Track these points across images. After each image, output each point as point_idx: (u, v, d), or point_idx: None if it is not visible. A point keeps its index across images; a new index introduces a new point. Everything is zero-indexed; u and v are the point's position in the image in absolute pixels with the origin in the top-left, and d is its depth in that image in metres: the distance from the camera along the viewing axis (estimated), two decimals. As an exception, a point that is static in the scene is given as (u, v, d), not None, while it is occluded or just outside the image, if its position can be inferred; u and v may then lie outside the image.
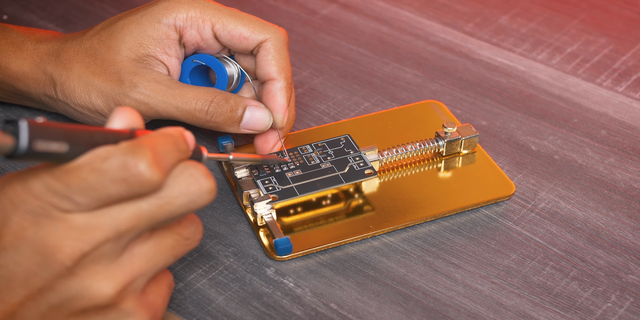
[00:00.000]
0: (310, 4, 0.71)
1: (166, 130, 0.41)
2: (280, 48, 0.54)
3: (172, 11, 0.53)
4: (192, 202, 0.40)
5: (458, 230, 0.53)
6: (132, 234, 0.40)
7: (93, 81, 0.53)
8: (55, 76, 0.54)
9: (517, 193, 0.55)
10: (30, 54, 0.55)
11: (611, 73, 0.65)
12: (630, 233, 0.53)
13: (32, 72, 0.55)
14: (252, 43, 0.53)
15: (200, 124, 0.53)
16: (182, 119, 0.53)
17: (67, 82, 0.53)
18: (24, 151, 0.36)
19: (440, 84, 0.64)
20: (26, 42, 0.56)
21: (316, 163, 0.54)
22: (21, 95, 0.57)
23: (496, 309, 0.48)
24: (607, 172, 0.57)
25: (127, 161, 0.38)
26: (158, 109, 0.52)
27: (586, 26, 0.69)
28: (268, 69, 0.53)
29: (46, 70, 0.54)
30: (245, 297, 0.49)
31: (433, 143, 0.56)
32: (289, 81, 0.54)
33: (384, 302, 0.49)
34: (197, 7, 0.53)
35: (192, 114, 0.52)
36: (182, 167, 0.40)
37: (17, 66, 0.55)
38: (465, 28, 0.69)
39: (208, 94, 0.53)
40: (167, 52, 0.54)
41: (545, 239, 0.52)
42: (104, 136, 0.39)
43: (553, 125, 0.60)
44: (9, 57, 0.55)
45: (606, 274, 0.50)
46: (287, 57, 0.54)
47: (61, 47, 0.55)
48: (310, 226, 0.52)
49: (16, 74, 0.55)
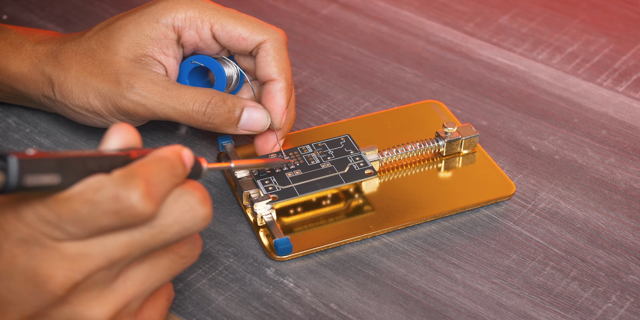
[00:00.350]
0: (310, 4, 0.71)
1: (162, 153, 0.40)
2: (280, 49, 0.53)
3: (171, 11, 0.53)
4: (187, 229, 0.40)
5: (458, 230, 0.53)
6: (125, 261, 0.40)
7: (91, 82, 0.53)
8: (53, 77, 0.54)
9: (518, 193, 0.55)
10: (28, 55, 0.55)
11: (611, 73, 0.64)
12: (630, 233, 0.53)
13: (31, 73, 0.55)
14: (251, 44, 0.53)
15: (197, 125, 0.53)
16: (179, 120, 0.53)
17: (65, 83, 0.53)
18: (14, 188, 0.35)
19: (440, 83, 0.64)
20: (25, 43, 0.55)
21: (316, 163, 0.54)
22: (20, 96, 0.57)
23: (496, 309, 0.48)
24: (607, 172, 0.57)
25: (119, 193, 0.37)
26: (155, 111, 0.52)
27: (586, 26, 0.69)
28: (268, 70, 0.53)
29: (44, 71, 0.54)
30: (245, 297, 0.49)
31: (433, 143, 0.56)
32: (289, 82, 0.54)
33: (384, 302, 0.49)
34: (195, 8, 0.53)
35: (189, 115, 0.52)
36: (176, 194, 0.40)
37: (15, 67, 0.55)
38: (465, 28, 0.69)
39: (205, 95, 0.52)
40: (165, 52, 0.53)
41: (545, 239, 0.52)
42: (98, 162, 0.38)
43: (553, 125, 0.60)
44: (7, 58, 0.55)
45: (606, 274, 0.50)
46: (286, 57, 0.54)
47: (59, 48, 0.54)
48: (310, 226, 0.52)
49: (15, 75, 0.55)
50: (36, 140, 0.58)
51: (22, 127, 0.59)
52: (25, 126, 0.59)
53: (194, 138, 0.59)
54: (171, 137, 0.59)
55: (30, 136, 0.59)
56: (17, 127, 0.59)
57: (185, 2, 0.53)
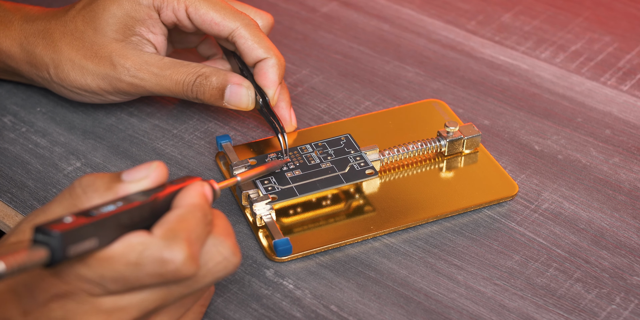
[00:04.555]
0: (310, 2, 0.71)
1: (192, 200, 0.41)
2: (255, 32, 0.54)
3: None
4: (218, 278, 0.42)
5: (460, 231, 0.52)
6: (158, 310, 0.41)
7: (86, 65, 0.54)
8: (47, 60, 0.55)
9: (520, 193, 0.55)
10: (18, 34, 0.56)
11: (616, 71, 0.64)
12: (634, 234, 0.52)
13: (23, 54, 0.56)
14: (224, 29, 0.54)
15: (190, 99, 0.55)
16: (172, 96, 0.56)
17: (60, 65, 0.55)
18: (58, 261, 0.36)
19: (442, 82, 0.63)
20: (14, 21, 0.57)
21: (316, 163, 0.53)
22: (12, 71, 0.58)
23: (499, 311, 0.48)
24: (611, 172, 0.56)
25: (164, 256, 0.38)
26: (151, 90, 0.55)
27: (590, 24, 0.68)
28: (254, 54, 0.55)
29: (36, 54, 0.55)
30: (244, 298, 0.49)
31: (435, 143, 0.55)
32: (279, 58, 0.55)
33: (385, 304, 0.48)
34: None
35: (181, 93, 0.55)
36: (210, 244, 0.41)
37: (7, 46, 0.56)
38: (467, 26, 0.68)
39: (193, 73, 0.54)
40: (153, 30, 0.55)
41: (548, 240, 0.52)
42: (129, 215, 0.39)
43: (556, 124, 0.60)
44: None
45: (610, 276, 0.50)
46: (266, 37, 0.55)
47: (46, 28, 0.55)
48: (310, 227, 0.52)
49: (6, 52, 0.56)
50: (32, 140, 0.58)
51: (18, 126, 0.59)
52: (22, 125, 0.59)
53: (193, 138, 0.58)
54: (169, 137, 0.59)
55: (27, 135, 0.58)
56: (13, 126, 0.59)
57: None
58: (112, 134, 0.59)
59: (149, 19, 0.55)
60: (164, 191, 0.41)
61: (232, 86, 0.54)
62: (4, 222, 0.53)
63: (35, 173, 0.56)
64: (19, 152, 0.57)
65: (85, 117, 0.60)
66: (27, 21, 0.56)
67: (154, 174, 0.40)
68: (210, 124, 0.60)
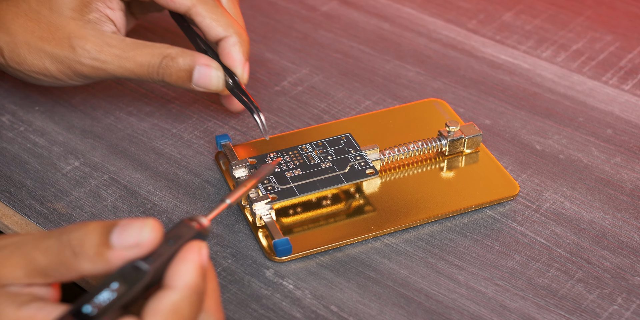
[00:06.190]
0: (310, 1, 0.71)
1: (189, 280, 0.37)
2: (213, 8, 0.53)
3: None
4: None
5: (461, 231, 0.52)
6: None
7: (44, 47, 0.52)
8: (0, 44, 0.53)
9: (522, 193, 0.54)
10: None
11: (617, 71, 0.64)
12: (636, 234, 0.52)
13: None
14: (180, 6, 0.53)
15: (155, 82, 0.53)
16: (137, 79, 0.53)
17: (16, 49, 0.53)
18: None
19: (442, 82, 0.63)
20: None
21: (316, 162, 0.53)
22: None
23: (500, 312, 0.48)
24: (613, 172, 0.56)
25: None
26: (114, 73, 0.53)
27: (592, 23, 0.68)
28: (213, 32, 0.53)
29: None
30: (244, 299, 0.48)
31: (435, 142, 0.55)
32: (240, 34, 0.53)
33: (385, 304, 0.48)
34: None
35: (146, 75, 0.53)
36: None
37: None
38: (468, 25, 0.68)
39: (158, 54, 0.52)
40: (110, 6, 0.53)
41: (550, 240, 0.52)
42: (127, 299, 0.37)
43: (558, 124, 0.59)
44: None
45: (612, 276, 0.50)
46: (225, 14, 0.53)
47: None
48: (310, 227, 0.52)
49: None
50: (30, 139, 0.58)
51: (16, 125, 0.59)
52: (20, 124, 0.59)
53: (192, 137, 0.58)
54: (168, 136, 0.58)
55: (25, 135, 0.58)
56: (11, 126, 0.59)
57: None
58: (110, 133, 0.58)
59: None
60: (160, 259, 0.38)
61: (200, 67, 0.52)
62: (2, 221, 0.53)
63: (33, 172, 0.56)
64: (17, 152, 0.57)
65: (84, 117, 0.60)
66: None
67: (147, 239, 0.37)
68: (209, 124, 0.59)
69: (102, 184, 0.55)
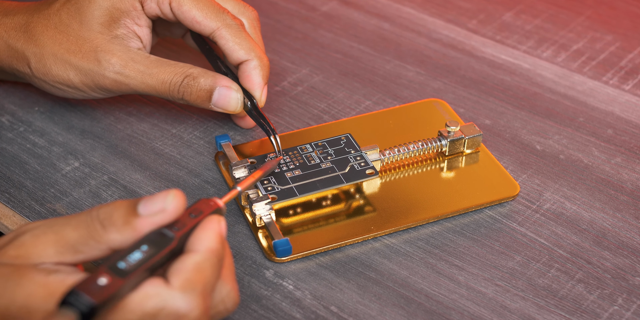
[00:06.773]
0: (310, 0, 0.71)
1: (211, 245, 0.40)
2: (237, 32, 0.54)
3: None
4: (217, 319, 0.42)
5: (461, 231, 0.52)
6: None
7: (70, 59, 0.53)
8: (28, 54, 0.54)
9: (522, 193, 0.54)
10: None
11: (618, 71, 0.64)
12: (637, 234, 0.52)
13: (2, 49, 0.55)
14: (205, 29, 0.54)
15: (174, 100, 0.55)
16: (156, 96, 0.55)
17: (42, 60, 0.54)
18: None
19: (443, 82, 0.63)
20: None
21: (316, 163, 0.53)
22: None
23: (500, 312, 0.48)
24: (613, 172, 0.56)
25: (180, 311, 0.39)
26: (136, 89, 0.54)
27: (592, 23, 0.68)
28: (235, 55, 0.54)
29: (16, 48, 0.54)
30: (244, 299, 0.48)
31: (436, 142, 0.55)
32: (261, 59, 0.54)
33: (385, 305, 0.48)
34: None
35: (166, 93, 0.54)
36: (217, 291, 0.41)
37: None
38: (468, 25, 0.68)
39: (180, 73, 0.53)
40: (138, 22, 0.54)
41: (550, 241, 0.51)
42: (155, 262, 0.39)
43: (558, 124, 0.59)
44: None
45: (612, 277, 0.50)
46: (248, 38, 0.54)
47: (28, 22, 0.55)
48: (310, 227, 0.52)
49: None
50: (30, 139, 0.58)
51: (16, 126, 0.59)
52: (19, 125, 0.59)
53: (192, 137, 0.58)
54: (168, 137, 0.58)
55: (24, 135, 0.58)
56: (11, 126, 0.59)
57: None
58: (110, 133, 0.58)
59: (134, 11, 0.54)
60: (183, 229, 0.40)
61: (220, 88, 0.54)
62: (2, 222, 0.53)
63: (33, 173, 0.56)
64: (16, 152, 0.57)
65: (84, 117, 0.59)
66: (6, 15, 0.55)
67: (171, 206, 0.40)
68: (209, 124, 0.59)
69: (101, 184, 0.55)
